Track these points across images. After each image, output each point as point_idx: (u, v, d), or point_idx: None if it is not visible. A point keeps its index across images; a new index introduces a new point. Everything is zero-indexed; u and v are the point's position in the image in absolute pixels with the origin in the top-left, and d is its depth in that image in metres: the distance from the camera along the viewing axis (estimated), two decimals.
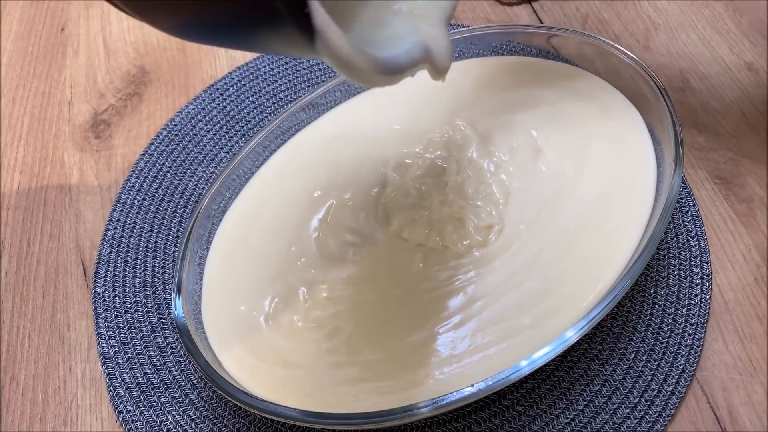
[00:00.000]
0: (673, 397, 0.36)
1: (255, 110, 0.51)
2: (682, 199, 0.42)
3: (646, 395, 0.36)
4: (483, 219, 0.39)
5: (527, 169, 0.41)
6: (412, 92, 0.46)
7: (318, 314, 0.37)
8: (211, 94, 0.52)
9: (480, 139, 0.42)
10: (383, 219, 0.41)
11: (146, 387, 0.39)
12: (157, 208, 0.46)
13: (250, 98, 0.51)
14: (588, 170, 0.40)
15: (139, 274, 0.43)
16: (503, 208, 0.40)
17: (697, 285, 0.39)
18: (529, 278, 0.36)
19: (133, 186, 0.47)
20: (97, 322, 0.41)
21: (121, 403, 0.38)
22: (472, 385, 0.31)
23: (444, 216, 0.40)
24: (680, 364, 0.37)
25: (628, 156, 0.40)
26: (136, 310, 0.42)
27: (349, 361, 0.35)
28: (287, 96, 0.51)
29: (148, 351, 0.40)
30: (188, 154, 0.49)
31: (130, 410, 0.38)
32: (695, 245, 0.41)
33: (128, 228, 0.45)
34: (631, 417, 0.36)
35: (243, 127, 0.50)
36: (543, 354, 0.32)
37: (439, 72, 0.29)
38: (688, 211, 0.42)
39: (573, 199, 0.39)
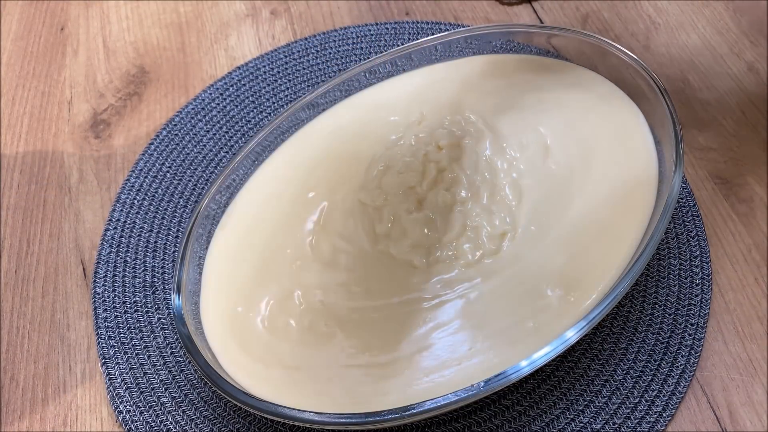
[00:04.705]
0: (674, 397, 0.36)
1: (255, 110, 0.50)
2: (682, 199, 0.42)
3: (646, 395, 0.36)
4: (497, 227, 0.39)
5: (537, 167, 0.40)
6: (414, 90, 0.46)
7: (313, 318, 0.37)
8: (210, 93, 0.52)
9: (493, 134, 0.42)
10: (382, 229, 0.40)
11: (146, 387, 0.39)
12: (157, 208, 0.46)
13: (250, 98, 0.51)
14: (592, 169, 0.40)
15: (139, 274, 0.43)
16: (516, 211, 0.39)
17: (697, 285, 0.39)
18: (531, 280, 0.36)
19: (132, 186, 0.47)
20: (96, 322, 0.41)
21: (120, 403, 0.38)
22: (472, 385, 0.31)
23: (457, 227, 0.39)
24: (680, 364, 0.37)
25: (629, 155, 0.39)
26: (135, 310, 0.42)
27: (347, 363, 0.35)
28: (287, 96, 0.51)
29: (148, 351, 0.40)
30: (188, 154, 0.49)
31: (130, 410, 0.38)
32: (695, 245, 0.41)
33: (128, 228, 0.45)
34: (632, 417, 0.36)
35: (243, 127, 0.50)
36: (543, 354, 0.32)
37: None
38: (688, 211, 0.42)
39: (578, 199, 0.39)
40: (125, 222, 0.45)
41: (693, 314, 0.38)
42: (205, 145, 0.49)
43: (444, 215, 0.40)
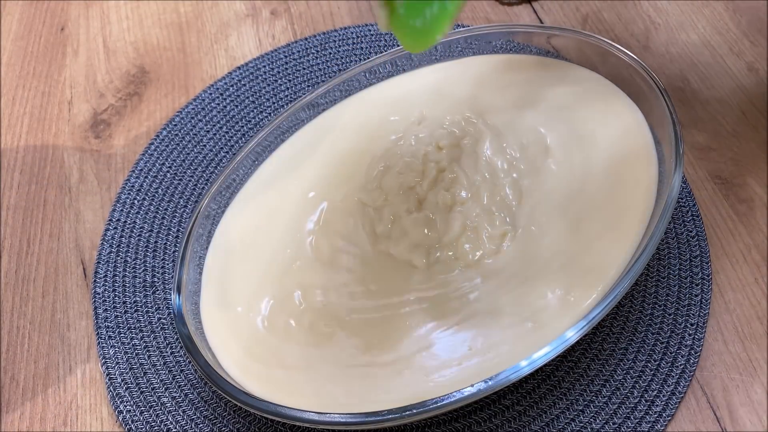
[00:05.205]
0: (673, 397, 0.36)
1: (255, 110, 0.50)
2: (682, 199, 0.42)
3: (646, 395, 0.36)
4: (497, 227, 0.38)
5: (538, 167, 0.40)
6: (413, 90, 0.46)
7: (313, 318, 0.37)
8: (210, 93, 0.52)
9: (493, 134, 0.42)
10: (382, 229, 0.40)
11: (146, 387, 0.39)
12: (157, 208, 0.46)
13: (250, 98, 0.51)
14: (592, 169, 0.39)
15: (139, 274, 0.43)
16: (516, 211, 0.39)
17: (697, 285, 0.39)
18: (531, 280, 0.36)
19: (133, 186, 0.47)
20: (96, 322, 0.41)
21: (121, 403, 0.38)
22: (472, 385, 0.31)
23: (457, 228, 0.39)
24: (680, 364, 0.37)
25: (629, 155, 0.39)
26: (136, 310, 0.42)
27: (347, 363, 0.35)
28: (287, 96, 0.51)
29: (148, 351, 0.40)
30: (188, 154, 0.49)
31: (130, 410, 0.38)
32: (695, 245, 0.41)
33: (128, 228, 0.45)
34: (632, 417, 0.36)
35: (243, 127, 0.50)
36: (543, 354, 0.32)
37: None
38: (688, 211, 0.42)
39: (578, 199, 0.39)
40: (125, 222, 0.45)
41: (693, 314, 0.38)
42: (205, 145, 0.49)
43: (444, 215, 0.40)
